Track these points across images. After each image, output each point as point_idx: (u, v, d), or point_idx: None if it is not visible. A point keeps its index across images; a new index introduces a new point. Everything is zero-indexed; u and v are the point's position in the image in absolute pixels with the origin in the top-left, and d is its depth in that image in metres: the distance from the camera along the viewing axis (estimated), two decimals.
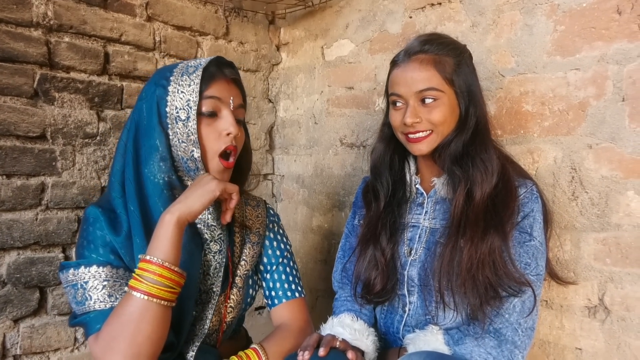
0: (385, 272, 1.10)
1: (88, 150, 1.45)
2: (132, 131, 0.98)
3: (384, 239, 1.11)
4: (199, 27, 1.73)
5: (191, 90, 0.94)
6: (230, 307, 1.04)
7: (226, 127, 0.96)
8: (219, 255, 1.00)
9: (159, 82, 0.97)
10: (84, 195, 1.44)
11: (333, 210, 1.78)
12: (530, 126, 1.26)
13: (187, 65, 0.99)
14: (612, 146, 1.12)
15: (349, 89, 1.72)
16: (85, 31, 1.44)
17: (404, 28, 1.55)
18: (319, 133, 1.83)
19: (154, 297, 0.83)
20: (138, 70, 1.56)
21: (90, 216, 0.95)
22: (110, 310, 0.88)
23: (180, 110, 0.94)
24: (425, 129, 1.05)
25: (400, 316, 1.12)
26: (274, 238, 1.17)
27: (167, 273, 0.85)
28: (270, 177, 2.03)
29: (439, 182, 1.11)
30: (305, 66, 1.89)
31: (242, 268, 1.07)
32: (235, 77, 1.03)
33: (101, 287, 0.90)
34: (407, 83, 1.05)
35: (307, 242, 1.88)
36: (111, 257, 0.92)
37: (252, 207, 1.16)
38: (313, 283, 1.84)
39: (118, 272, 0.92)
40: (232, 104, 0.98)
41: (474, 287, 0.97)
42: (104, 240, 0.93)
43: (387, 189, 1.15)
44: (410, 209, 1.15)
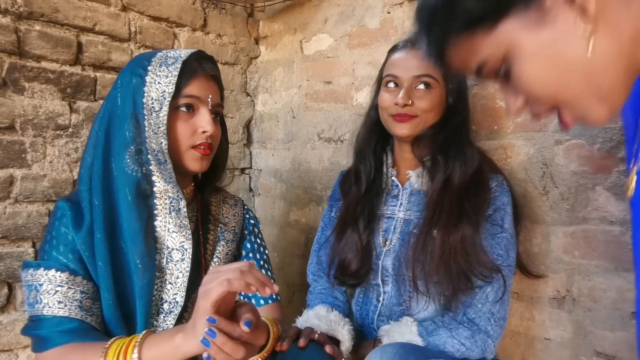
0: (361, 255, 1.12)
1: (60, 142, 1.42)
2: (104, 121, 0.96)
3: (362, 224, 1.15)
4: (176, 19, 1.71)
5: (168, 81, 0.93)
6: None
7: (203, 125, 0.96)
8: (181, 264, 0.97)
9: (135, 71, 0.95)
10: (55, 188, 1.41)
11: (310, 204, 1.79)
12: (503, 122, 1.29)
13: (166, 56, 0.97)
14: (582, 142, 1.15)
15: (327, 84, 1.72)
16: (57, 19, 1.40)
17: (383, 23, 1.55)
18: (297, 127, 1.83)
19: None
20: (112, 61, 1.53)
21: (59, 210, 0.94)
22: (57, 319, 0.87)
23: (156, 102, 0.93)
24: (413, 113, 1.09)
25: (375, 306, 1.14)
26: (254, 242, 1.16)
27: None
28: (247, 171, 2.02)
29: (413, 175, 1.15)
30: (284, 60, 1.88)
31: (215, 265, 1.06)
32: (215, 74, 1.02)
33: (53, 292, 0.88)
34: (406, 67, 1.10)
35: (285, 237, 1.88)
36: (71, 258, 0.91)
37: (229, 205, 1.15)
38: (290, 277, 1.84)
39: (75, 279, 0.90)
40: (211, 102, 0.98)
41: (448, 274, 1.00)
42: (67, 239, 0.92)
43: (369, 172, 1.19)
44: (386, 200, 1.18)
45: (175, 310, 0.98)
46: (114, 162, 0.93)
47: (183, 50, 0.99)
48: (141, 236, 0.92)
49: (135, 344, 0.82)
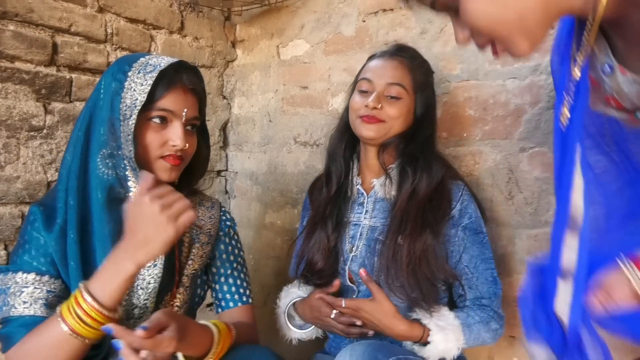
0: (328, 255, 1.17)
1: (34, 144, 1.40)
2: (85, 120, 0.97)
3: (330, 226, 1.20)
4: (153, 21, 1.71)
5: (142, 90, 0.93)
6: (177, 306, 1.04)
7: (173, 139, 0.96)
8: (152, 269, 0.97)
9: (116, 75, 0.96)
10: (29, 190, 1.39)
11: (286, 207, 1.81)
12: (472, 130, 1.35)
13: (147, 62, 0.97)
14: (545, 150, 1.22)
15: (304, 89, 1.76)
16: (32, 20, 1.38)
17: (358, 31, 1.60)
18: (273, 131, 1.86)
19: (77, 335, 0.82)
20: (88, 62, 1.52)
21: (31, 215, 0.95)
22: (23, 319, 0.88)
23: (128, 109, 0.94)
24: (381, 118, 1.14)
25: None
26: (229, 244, 1.17)
27: (97, 315, 0.82)
28: (223, 173, 2.03)
29: (377, 183, 1.20)
30: (261, 64, 1.91)
31: (190, 267, 1.06)
32: (194, 87, 1.01)
33: (19, 293, 0.89)
34: (381, 74, 1.16)
35: (260, 239, 1.90)
36: (41, 260, 0.92)
37: (206, 207, 1.16)
38: (265, 279, 1.87)
39: (42, 279, 0.91)
40: (185, 116, 0.97)
41: (414, 279, 1.06)
42: (39, 243, 0.93)
43: (340, 173, 1.24)
44: (352, 208, 1.23)
45: (145, 315, 0.98)
46: (90, 163, 0.94)
47: (166, 58, 1.00)
48: (110, 240, 0.92)
49: (81, 287, 0.84)
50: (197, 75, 1.04)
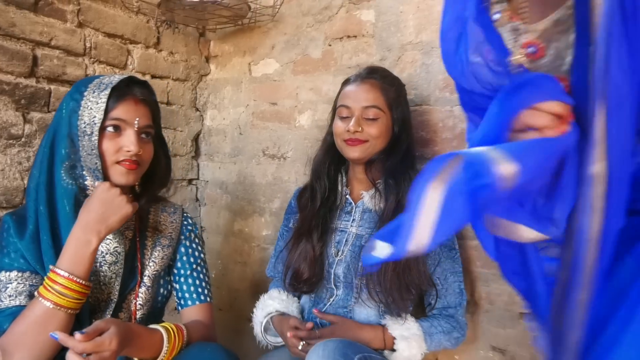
0: (313, 265, 1.28)
1: (12, 151, 1.47)
2: (49, 138, 1.07)
3: (315, 236, 1.30)
4: (130, 36, 1.79)
5: (98, 108, 1.03)
6: (140, 305, 1.13)
7: (127, 145, 1.05)
8: (114, 266, 1.08)
9: (74, 95, 1.07)
10: (6, 195, 1.45)
11: (254, 215, 1.92)
12: (425, 150, 1.49)
13: (100, 82, 1.07)
14: None
15: (273, 105, 1.87)
16: (13, 33, 1.45)
17: (324, 54, 1.73)
18: (243, 143, 1.96)
19: (60, 307, 0.93)
20: (67, 74, 1.60)
21: (4, 224, 1.06)
22: (9, 309, 0.97)
23: (87, 126, 1.03)
24: (363, 138, 1.26)
25: (324, 305, 1.30)
26: (189, 246, 1.26)
27: (75, 286, 0.94)
28: (195, 182, 2.12)
29: (367, 195, 1.32)
30: (233, 79, 2.01)
31: (151, 268, 1.16)
32: (145, 98, 1.10)
33: (5, 289, 0.99)
34: (357, 98, 1.27)
35: (228, 245, 2.00)
36: (21, 261, 1.01)
37: (168, 213, 1.25)
38: (232, 283, 1.96)
39: (23, 275, 1.01)
40: (137, 124, 1.07)
41: (396, 286, 1.19)
42: (16, 247, 1.02)
43: (323, 190, 1.35)
44: (339, 215, 1.35)
45: (110, 308, 1.09)
46: (55, 175, 1.06)
47: (117, 76, 1.10)
48: None
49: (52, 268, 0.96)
50: (147, 88, 1.14)
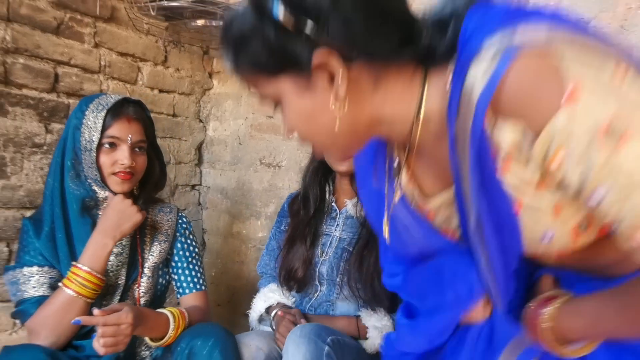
0: (306, 264, 1.45)
1: (35, 158, 1.65)
2: (60, 149, 1.27)
3: (309, 241, 1.47)
4: (141, 55, 1.98)
5: (95, 128, 1.21)
6: (142, 292, 1.31)
7: (120, 159, 1.22)
8: (120, 256, 1.26)
9: (77, 114, 1.25)
10: (30, 197, 1.64)
11: (251, 218, 2.09)
12: None
13: (99, 103, 1.24)
14: None
15: (269, 118, 2.06)
16: (38, 54, 1.64)
17: None
18: (242, 152, 2.14)
19: (80, 295, 1.12)
20: (84, 90, 1.78)
21: (24, 227, 1.25)
22: (34, 298, 1.16)
23: (87, 142, 1.22)
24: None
25: (310, 298, 1.48)
26: (184, 242, 1.43)
27: (93, 279, 1.15)
28: (197, 187, 2.30)
29: (350, 203, 1.50)
30: (234, 94, 2.20)
31: (150, 261, 1.34)
32: (137, 116, 1.26)
33: (28, 282, 1.17)
34: None
35: (227, 246, 2.17)
36: (39, 257, 1.20)
37: (164, 213, 1.42)
38: (231, 281, 2.13)
39: (43, 269, 1.20)
40: (130, 140, 1.23)
41: (373, 285, 1.36)
42: (34, 246, 1.21)
43: (316, 199, 1.52)
44: (326, 221, 1.52)
45: (118, 292, 1.27)
46: (65, 183, 1.25)
47: (114, 97, 1.27)
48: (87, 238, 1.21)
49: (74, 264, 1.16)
50: (140, 106, 1.31)
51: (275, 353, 1.36)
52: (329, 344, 1.21)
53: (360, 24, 0.58)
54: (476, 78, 0.54)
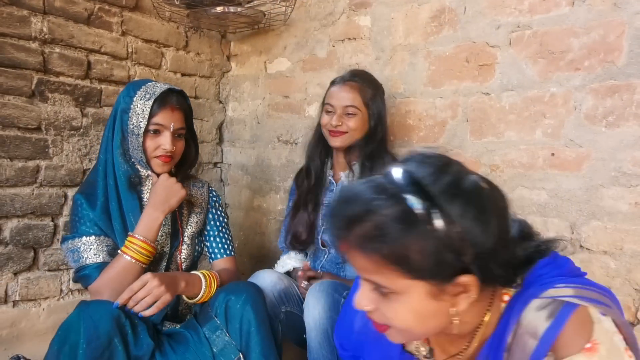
0: (309, 228, 1.61)
1: (73, 140, 1.81)
2: (110, 128, 1.39)
3: (310, 207, 1.63)
4: (164, 41, 2.11)
5: (143, 115, 1.33)
6: (184, 258, 1.47)
7: (163, 144, 1.35)
8: (164, 227, 1.41)
9: (125, 98, 1.37)
10: (70, 176, 1.80)
11: (270, 193, 2.24)
12: (411, 135, 1.78)
13: (146, 92, 1.36)
14: (460, 152, 1.66)
15: (285, 97, 2.18)
16: (72, 43, 1.78)
17: (329, 54, 2.02)
18: (260, 131, 2.28)
19: (137, 260, 1.27)
20: (114, 75, 1.92)
21: (77, 200, 1.37)
22: (96, 264, 1.30)
23: (135, 127, 1.34)
24: (343, 130, 1.56)
25: (320, 261, 1.64)
26: (215, 213, 1.58)
27: (147, 247, 1.29)
28: (219, 165, 2.45)
29: (344, 175, 1.63)
30: (251, 76, 2.32)
31: (189, 230, 1.49)
32: (180, 105, 1.39)
33: (89, 249, 1.32)
34: (338, 98, 1.57)
35: (249, 219, 2.32)
36: (95, 228, 1.34)
37: (197, 187, 1.57)
38: (253, 251, 2.29)
39: (100, 238, 1.34)
40: (173, 127, 1.36)
41: None
42: (89, 217, 1.34)
43: (317, 170, 1.67)
44: (325, 193, 1.66)
45: (165, 258, 1.43)
46: (114, 159, 1.38)
47: (160, 85, 1.39)
48: (137, 209, 1.37)
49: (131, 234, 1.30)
50: (183, 96, 1.44)
51: (293, 290, 1.55)
52: (345, 297, 1.36)
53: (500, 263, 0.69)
54: (537, 320, 0.69)
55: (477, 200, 0.68)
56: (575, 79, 1.44)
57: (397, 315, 0.70)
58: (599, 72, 1.40)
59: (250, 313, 1.27)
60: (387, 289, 0.68)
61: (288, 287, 1.54)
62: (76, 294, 1.83)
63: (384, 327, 0.74)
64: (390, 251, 0.65)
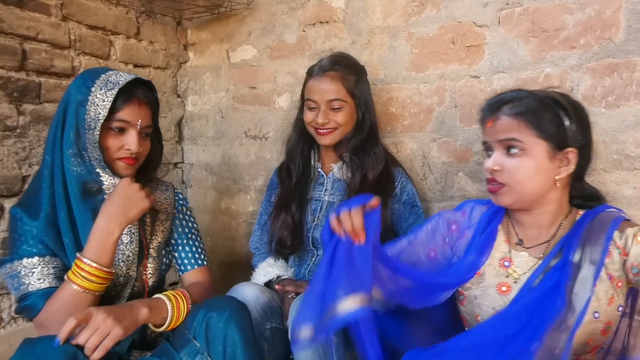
0: (293, 232, 1.44)
1: (9, 142, 1.55)
2: (59, 126, 1.16)
3: (294, 207, 1.46)
4: (112, 27, 1.87)
5: (104, 106, 1.12)
6: (150, 274, 1.26)
7: (128, 144, 1.16)
8: (130, 245, 1.19)
9: (81, 89, 1.15)
10: (6, 184, 1.54)
11: (239, 193, 2.05)
12: (395, 124, 1.65)
13: (107, 80, 1.15)
14: (449, 140, 1.55)
15: (252, 89, 1.99)
16: (2, 29, 1.52)
17: (299, 40, 1.85)
18: (225, 126, 2.08)
19: (87, 290, 1.05)
20: (55, 67, 1.67)
21: (16, 214, 1.13)
22: (41, 291, 1.07)
23: (92, 121, 1.13)
24: (331, 127, 1.40)
25: (307, 264, 1.47)
26: (182, 218, 1.38)
27: (99, 273, 1.05)
28: (180, 165, 2.23)
29: (335, 167, 1.48)
30: (212, 66, 2.11)
31: (155, 241, 1.29)
32: (148, 100, 1.20)
33: (31, 273, 1.09)
34: (320, 92, 1.40)
35: (217, 223, 2.13)
36: (39, 246, 1.11)
37: (161, 191, 1.36)
38: (222, 258, 2.10)
39: (45, 259, 1.11)
40: (140, 125, 1.17)
41: None
42: (32, 234, 1.11)
43: (298, 169, 1.50)
44: (314, 187, 1.51)
45: (130, 282, 1.21)
46: (64, 161, 1.14)
47: (124, 75, 1.18)
48: (91, 223, 1.12)
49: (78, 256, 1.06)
50: (150, 88, 1.24)
51: (276, 303, 1.38)
52: None
53: (589, 154, 1.03)
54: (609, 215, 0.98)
55: (584, 117, 1.02)
56: (570, 58, 1.36)
57: (522, 167, 0.95)
58: (596, 50, 1.32)
59: (235, 333, 1.09)
60: (519, 146, 0.95)
61: (272, 300, 1.37)
62: (20, 322, 1.58)
63: (498, 187, 0.98)
64: (531, 115, 0.96)
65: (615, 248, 0.93)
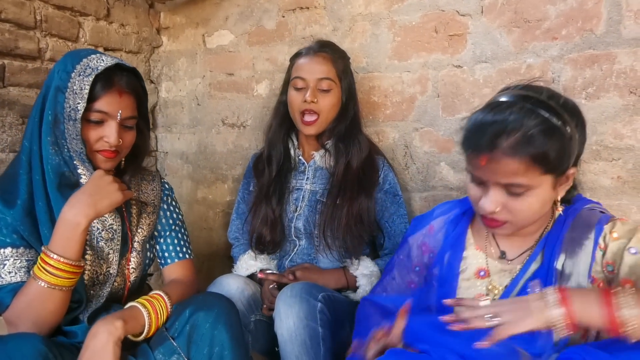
0: (274, 227, 1.41)
1: None
2: (38, 109, 1.08)
3: (274, 200, 1.42)
4: (80, 8, 1.77)
5: (82, 95, 1.04)
6: (132, 269, 1.20)
7: (107, 137, 1.08)
8: (110, 242, 1.13)
9: (61, 74, 1.07)
10: None
11: (217, 183, 2.00)
12: (376, 113, 1.63)
13: (87, 65, 1.06)
14: (431, 130, 1.54)
15: (230, 75, 1.94)
16: None
17: (278, 25, 1.81)
18: (202, 114, 2.02)
19: (54, 285, 0.98)
20: (20, 48, 1.57)
21: None
22: (10, 285, 1.01)
23: (72, 111, 1.05)
24: (316, 111, 1.37)
25: (289, 255, 1.44)
26: (167, 209, 1.33)
27: (66, 267, 0.98)
28: (153, 154, 2.15)
29: (317, 155, 1.45)
30: (187, 51, 2.04)
31: (140, 235, 1.22)
32: (130, 89, 1.11)
33: (2, 266, 1.02)
34: (311, 70, 1.38)
35: (193, 213, 2.07)
36: (13, 236, 1.04)
37: (147, 181, 1.30)
38: (200, 249, 2.05)
39: (17, 250, 1.04)
40: (120, 116, 1.08)
41: (349, 235, 1.35)
42: (6, 222, 1.04)
43: (279, 158, 1.46)
44: (295, 175, 1.47)
45: (110, 280, 1.15)
46: (43, 148, 1.07)
47: (105, 59, 1.10)
48: None
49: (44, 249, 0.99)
50: (135, 75, 1.15)
51: (259, 296, 1.36)
52: (321, 300, 1.20)
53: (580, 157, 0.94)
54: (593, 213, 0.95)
55: (580, 115, 0.91)
56: (552, 48, 1.36)
57: (529, 206, 0.87)
58: (577, 42, 1.33)
59: (223, 333, 1.04)
60: (524, 187, 0.85)
61: (256, 293, 1.34)
62: None
63: (499, 223, 0.91)
64: (536, 152, 0.83)
65: (599, 250, 0.90)
